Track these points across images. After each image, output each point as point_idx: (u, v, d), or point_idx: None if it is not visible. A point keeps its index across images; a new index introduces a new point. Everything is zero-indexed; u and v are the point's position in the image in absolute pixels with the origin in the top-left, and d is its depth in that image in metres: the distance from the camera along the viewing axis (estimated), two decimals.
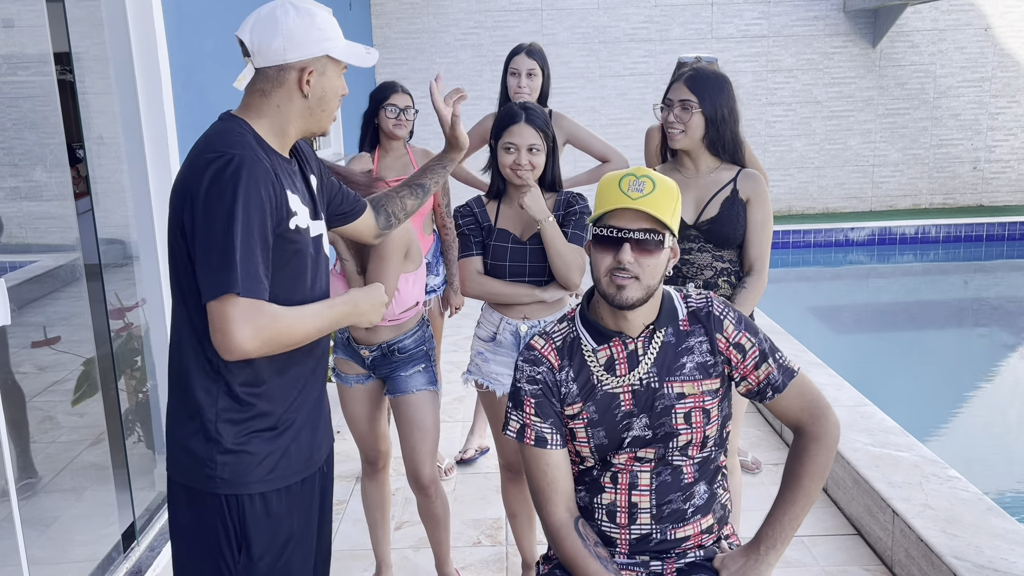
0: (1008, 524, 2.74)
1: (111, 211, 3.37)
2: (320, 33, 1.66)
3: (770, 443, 3.95)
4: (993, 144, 9.69)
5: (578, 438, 1.81)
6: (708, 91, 2.47)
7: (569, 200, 2.59)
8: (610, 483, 1.81)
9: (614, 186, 1.69)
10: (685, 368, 1.77)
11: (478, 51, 9.32)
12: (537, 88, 3.51)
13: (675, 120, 2.48)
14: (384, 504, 2.82)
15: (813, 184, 9.75)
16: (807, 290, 8.17)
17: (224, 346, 1.53)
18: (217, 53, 3.93)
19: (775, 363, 1.79)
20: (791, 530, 1.76)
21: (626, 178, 1.69)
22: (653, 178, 1.69)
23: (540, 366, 1.80)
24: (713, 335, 1.78)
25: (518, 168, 2.47)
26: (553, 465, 1.78)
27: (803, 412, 1.79)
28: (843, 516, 3.26)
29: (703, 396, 1.77)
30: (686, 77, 2.50)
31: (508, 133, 2.48)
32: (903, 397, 5.13)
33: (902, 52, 9.44)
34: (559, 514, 1.77)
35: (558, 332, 1.85)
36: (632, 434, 1.77)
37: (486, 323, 2.66)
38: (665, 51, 9.28)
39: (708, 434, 1.78)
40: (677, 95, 2.49)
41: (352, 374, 2.66)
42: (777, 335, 4.92)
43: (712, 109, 2.47)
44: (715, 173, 2.55)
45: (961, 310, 7.37)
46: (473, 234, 2.60)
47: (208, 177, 1.56)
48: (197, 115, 3.62)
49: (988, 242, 8.94)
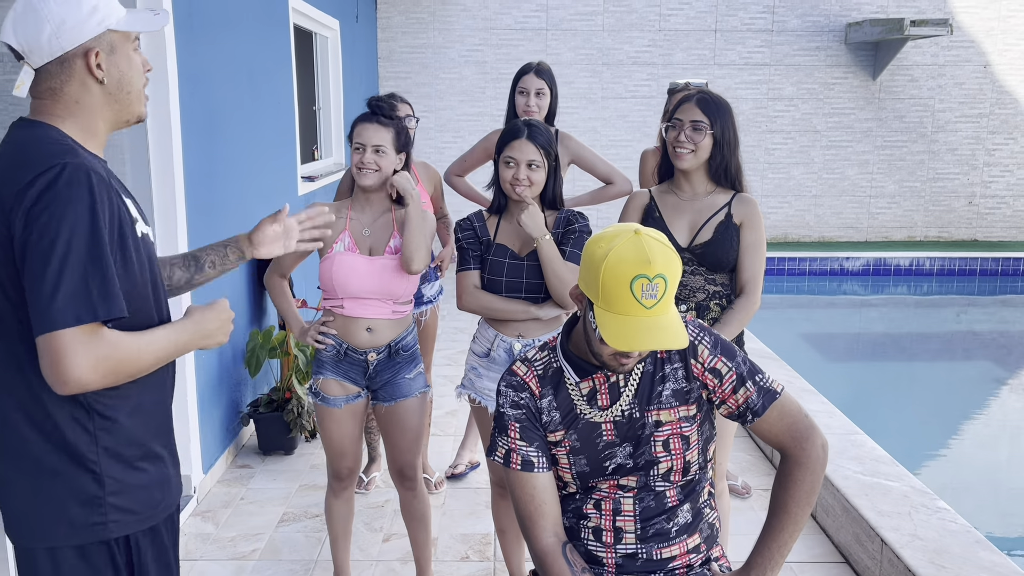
0: (996, 557, 2.74)
1: None
2: (90, 7, 1.45)
3: (760, 468, 3.95)
4: (989, 180, 9.77)
5: (560, 464, 1.80)
6: (719, 114, 2.51)
7: (569, 218, 2.59)
8: (593, 509, 1.81)
9: (624, 287, 1.57)
10: (663, 396, 1.76)
11: (482, 68, 9.38)
12: (545, 107, 3.53)
13: (686, 140, 2.51)
14: (350, 517, 2.84)
15: (810, 212, 9.81)
16: (801, 317, 8.20)
17: (59, 379, 1.34)
18: (225, 58, 3.96)
19: (754, 386, 1.77)
20: (780, 557, 1.75)
21: (639, 280, 1.56)
22: (666, 276, 1.58)
23: (523, 392, 1.80)
24: (688, 361, 1.77)
25: (517, 183, 2.49)
26: (540, 488, 1.77)
27: (784, 435, 1.77)
28: (831, 544, 3.26)
29: (680, 423, 1.76)
30: (697, 99, 2.53)
31: (509, 148, 2.50)
32: (893, 427, 5.14)
33: (902, 85, 9.53)
34: (546, 539, 1.76)
35: (540, 360, 1.84)
36: (615, 463, 1.77)
37: (481, 338, 2.67)
38: (668, 75, 9.35)
39: (689, 460, 1.78)
40: (688, 116, 2.52)
41: (342, 395, 2.63)
42: (770, 361, 4.94)
43: (721, 132, 2.51)
44: (711, 196, 2.58)
45: (953, 343, 7.40)
46: (471, 248, 2.61)
47: (35, 194, 1.35)
48: (201, 120, 3.64)
49: (982, 276, 9.00)
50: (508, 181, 2.51)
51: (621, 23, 9.36)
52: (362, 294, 2.55)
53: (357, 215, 2.61)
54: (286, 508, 3.57)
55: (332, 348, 2.61)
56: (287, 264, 2.65)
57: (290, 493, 3.70)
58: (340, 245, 2.56)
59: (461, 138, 9.15)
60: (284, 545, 3.27)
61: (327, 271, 2.56)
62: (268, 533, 3.36)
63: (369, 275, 2.54)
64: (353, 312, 2.57)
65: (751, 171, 9.54)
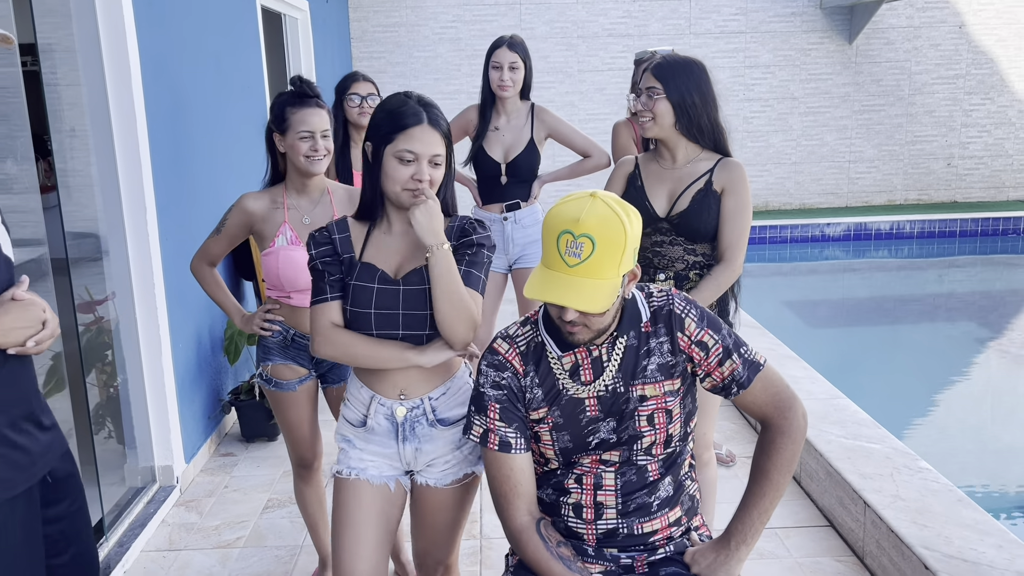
0: (977, 515, 2.76)
1: (84, 205, 3.32)
2: None
3: (744, 436, 3.97)
4: (967, 141, 9.79)
5: (542, 441, 1.79)
6: (673, 77, 2.43)
7: (464, 228, 1.95)
8: (575, 484, 1.79)
9: (553, 240, 1.59)
10: (647, 370, 1.75)
11: (456, 45, 9.29)
12: (520, 81, 3.49)
13: (643, 108, 2.47)
14: (323, 502, 2.81)
15: (790, 180, 9.81)
16: (783, 285, 8.22)
17: None
18: (189, 43, 3.89)
19: (740, 358, 1.76)
20: (761, 524, 1.76)
21: (564, 236, 1.57)
22: (593, 236, 1.55)
23: (504, 371, 1.77)
24: (674, 334, 1.75)
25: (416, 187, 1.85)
26: (517, 469, 1.76)
27: (768, 406, 1.77)
28: (816, 508, 3.28)
29: (665, 397, 1.75)
30: (653, 65, 2.48)
31: (407, 137, 1.83)
32: (876, 390, 5.17)
33: (878, 49, 9.51)
34: (520, 518, 1.76)
35: (522, 336, 1.81)
36: (599, 437, 1.76)
37: (354, 401, 2.00)
38: (644, 46, 9.29)
39: (671, 433, 1.77)
40: (645, 83, 2.48)
41: (294, 378, 2.58)
42: (752, 329, 4.95)
43: (679, 95, 2.43)
44: (692, 164, 2.51)
45: (934, 305, 7.44)
46: (329, 270, 1.91)
47: None
48: (167, 107, 3.58)
49: (962, 237, 9.04)
50: (403, 183, 1.84)
51: None
52: (309, 286, 2.51)
53: (294, 203, 2.50)
54: (270, 494, 3.55)
55: (278, 334, 2.56)
56: (219, 250, 2.57)
57: (274, 479, 3.69)
58: (282, 239, 2.47)
59: None
60: (269, 532, 3.25)
61: (272, 267, 2.48)
62: (253, 520, 3.34)
63: None
64: (301, 303, 2.52)
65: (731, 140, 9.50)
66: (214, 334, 4.11)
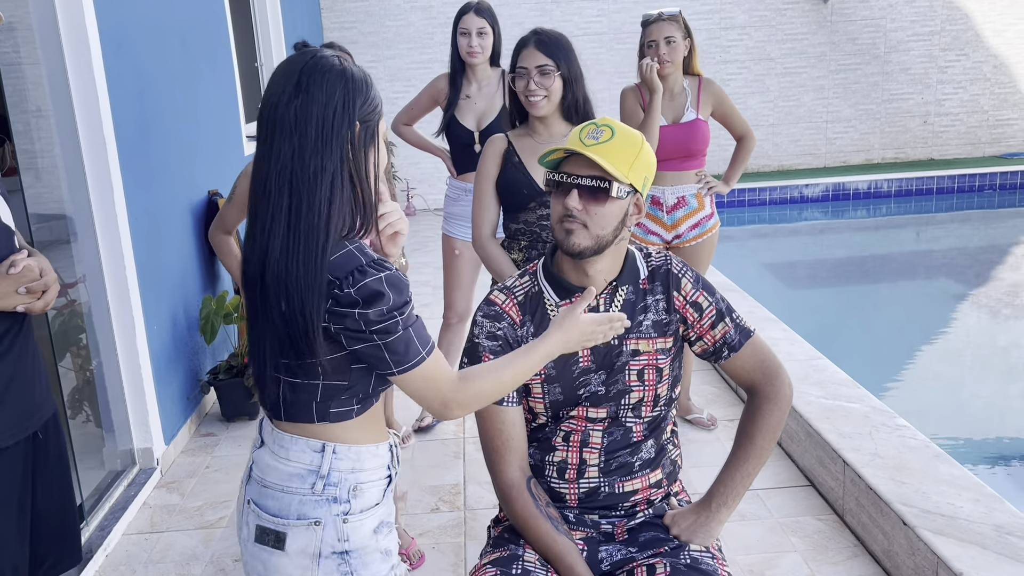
0: (955, 470, 2.79)
1: (53, 187, 3.26)
2: None
3: (726, 400, 3.98)
4: (943, 98, 9.79)
5: (533, 394, 1.80)
6: (561, 52, 2.44)
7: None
8: (562, 442, 1.81)
9: (575, 133, 1.72)
10: (643, 326, 1.77)
11: (428, 13, 9.15)
12: (489, 47, 3.44)
13: (536, 87, 2.42)
14: None
15: (768, 142, 9.79)
16: (763, 247, 8.24)
17: None
18: (151, 19, 3.80)
19: (732, 323, 1.80)
20: (743, 487, 1.78)
21: (588, 127, 1.70)
22: (614, 128, 1.69)
23: (501, 322, 1.79)
24: (670, 292, 1.79)
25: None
26: (508, 423, 1.77)
27: (756, 371, 1.80)
28: (796, 468, 3.30)
29: (657, 354, 1.77)
30: (535, 41, 2.45)
31: None
32: (855, 350, 5.21)
33: (853, 7, 9.45)
34: (511, 473, 1.77)
35: (519, 287, 1.83)
36: (589, 390, 1.77)
37: None
38: (618, 10, 9.20)
39: (659, 392, 1.79)
40: (532, 62, 2.43)
41: None
42: (732, 292, 4.95)
43: (568, 70, 2.44)
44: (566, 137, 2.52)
45: (913, 263, 7.49)
46: None
47: None
48: (131, 85, 3.50)
49: (939, 195, 9.08)
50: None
51: None
52: None
53: None
54: None
55: None
56: (233, 218, 2.55)
57: None
58: None
59: (413, 87, 8.95)
60: None
61: None
62: (235, 499, 3.33)
63: None
64: None
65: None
66: (190, 314, 4.07)
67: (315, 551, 1.37)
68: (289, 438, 1.39)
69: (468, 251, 3.61)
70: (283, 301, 1.28)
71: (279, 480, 1.39)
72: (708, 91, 3.46)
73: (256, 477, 1.43)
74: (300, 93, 1.28)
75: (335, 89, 1.29)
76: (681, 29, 3.33)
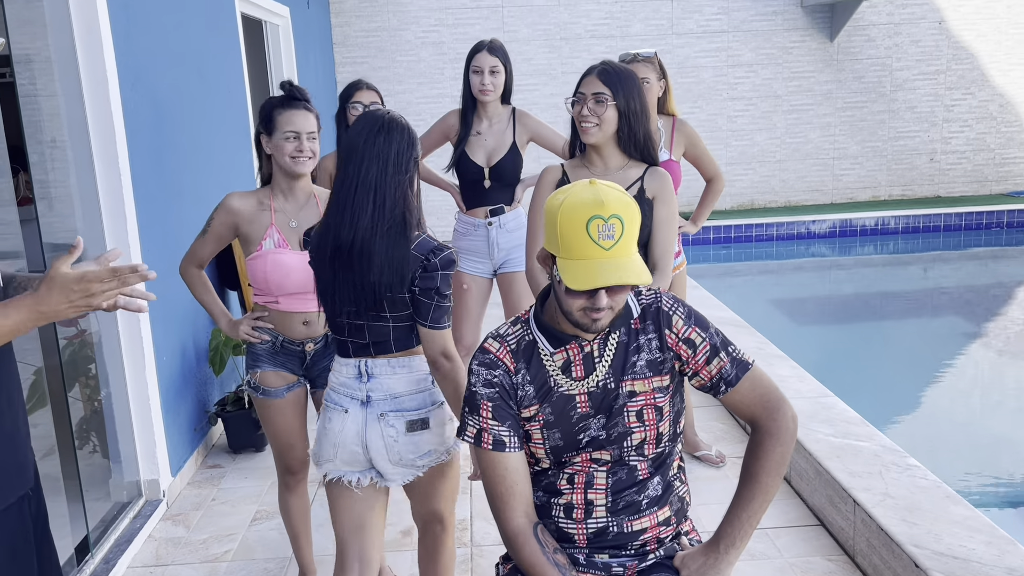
0: (966, 511, 2.76)
1: (65, 216, 3.29)
2: None
3: (734, 436, 3.96)
4: (949, 136, 9.84)
5: (533, 440, 1.78)
6: (621, 85, 2.46)
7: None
8: (567, 484, 1.79)
9: (581, 229, 1.58)
10: (637, 366, 1.75)
11: (439, 48, 9.27)
12: (500, 85, 3.48)
13: (589, 113, 2.47)
14: (307, 512, 2.79)
15: (775, 177, 9.83)
16: (770, 283, 8.24)
17: None
18: (168, 52, 3.85)
19: (728, 357, 1.77)
20: (750, 527, 1.75)
21: (594, 221, 1.57)
22: (620, 216, 1.58)
23: (496, 369, 1.77)
24: (662, 331, 1.76)
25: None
26: (511, 469, 1.75)
27: (756, 406, 1.77)
28: (806, 507, 3.28)
29: (654, 393, 1.75)
30: (599, 71, 2.49)
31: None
32: (864, 387, 5.18)
33: (859, 46, 9.55)
34: (517, 520, 1.75)
35: (512, 335, 1.81)
36: (589, 435, 1.76)
37: None
38: (626, 47, 9.30)
39: (661, 431, 1.77)
40: (590, 88, 2.48)
41: (282, 385, 2.56)
42: (739, 328, 4.95)
43: (625, 103, 2.46)
44: (623, 171, 2.54)
45: (920, 300, 7.47)
46: None
47: None
48: (146, 117, 3.54)
49: (946, 232, 9.09)
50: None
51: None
52: (298, 290, 2.49)
53: (281, 206, 2.50)
54: (259, 506, 3.52)
55: (267, 341, 2.55)
56: (207, 252, 2.54)
57: (262, 491, 3.65)
58: (269, 242, 2.46)
59: (423, 121, 9.04)
60: (258, 544, 3.22)
61: (260, 271, 2.47)
62: (241, 533, 3.31)
63: (305, 271, 2.46)
64: (289, 308, 2.51)
65: (715, 140, 9.54)
66: (199, 345, 4.08)
67: (444, 419, 2.13)
68: (407, 359, 2.09)
69: (476, 286, 3.63)
70: (371, 272, 1.95)
71: (410, 386, 2.08)
72: (681, 132, 3.51)
73: (380, 399, 2.06)
74: (384, 134, 1.97)
75: (403, 134, 1.99)
76: (656, 71, 3.38)
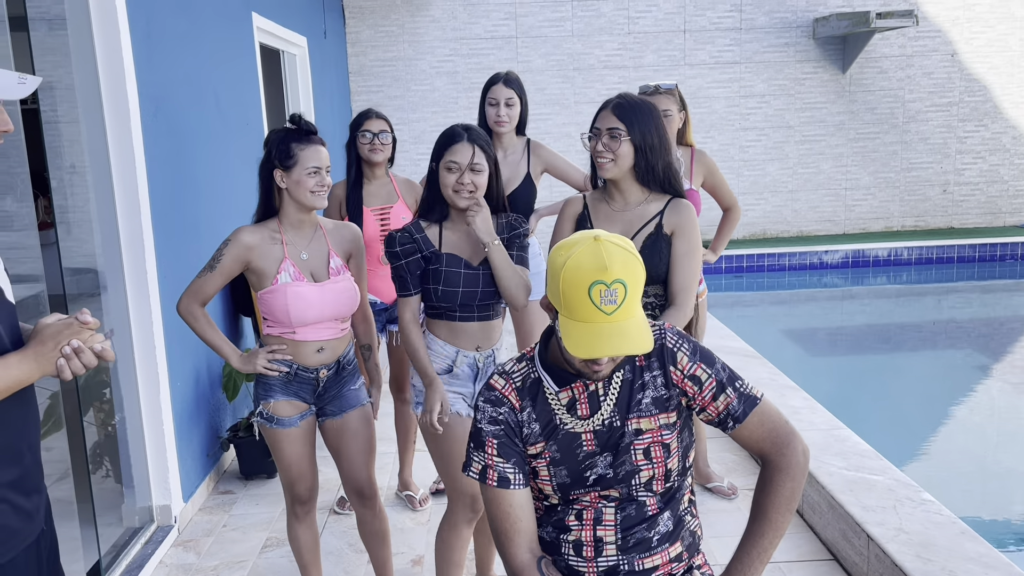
0: (981, 548, 2.74)
1: (84, 240, 3.33)
2: None
3: (746, 468, 3.94)
4: (962, 167, 9.85)
5: (540, 476, 1.78)
6: (636, 119, 2.45)
7: (512, 223, 2.56)
8: (575, 521, 1.78)
9: (583, 294, 1.56)
10: (642, 404, 1.74)
11: (453, 78, 9.36)
12: (516, 117, 3.51)
13: (603, 149, 2.46)
14: (316, 542, 2.79)
15: (787, 208, 9.84)
16: (782, 313, 8.22)
17: None
18: (189, 82, 3.92)
19: (735, 392, 1.75)
20: (761, 564, 1.73)
21: (596, 287, 1.55)
22: (624, 280, 1.57)
23: (502, 407, 1.77)
24: (667, 368, 1.75)
25: (461, 188, 2.42)
26: (516, 506, 1.75)
27: (765, 441, 1.75)
28: (819, 541, 3.25)
29: (660, 431, 1.74)
30: (613, 105, 2.49)
31: (450, 152, 2.44)
32: (877, 419, 5.15)
33: (871, 77, 9.59)
34: (522, 556, 1.74)
35: (518, 372, 1.81)
36: (596, 473, 1.75)
37: (439, 356, 2.51)
38: (639, 78, 9.37)
39: (670, 467, 1.76)
40: (605, 124, 2.47)
41: (295, 414, 2.57)
42: (751, 359, 4.93)
43: (640, 137, 2.44)
44: (643, 206, 2.53)
45: (934, 332, 7.43)
46: (411, 268, 2.46)
47: None
48: (166, 145, 3.60)
49: (959, 263, 9.06)
50: (451, 187, 2.43)
51: (590, 27, 9.38)
52: (316, 321, 2.51)
53: (292, 239, 2.52)
54: (269, 533, 3.52)
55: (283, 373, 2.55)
56: (213, 288, 2.49)
57: (273, 517, 3.65)
58: (285, 275, 2.47)
59: None
60: (268, 571, 3.22)
61: (280, 305, 2.46)
62: (252, 560, 3.31)
63: (322, 303, 2.49)
64: (305, 337, 2.53)
65: (727, 169, 9.57)
66: (212, 371, 4.10)
67: None
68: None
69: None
70: None
71: None
72: (700, 162, 3.53)
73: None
74: None
75: None
76: (677, 102, 3.40)
